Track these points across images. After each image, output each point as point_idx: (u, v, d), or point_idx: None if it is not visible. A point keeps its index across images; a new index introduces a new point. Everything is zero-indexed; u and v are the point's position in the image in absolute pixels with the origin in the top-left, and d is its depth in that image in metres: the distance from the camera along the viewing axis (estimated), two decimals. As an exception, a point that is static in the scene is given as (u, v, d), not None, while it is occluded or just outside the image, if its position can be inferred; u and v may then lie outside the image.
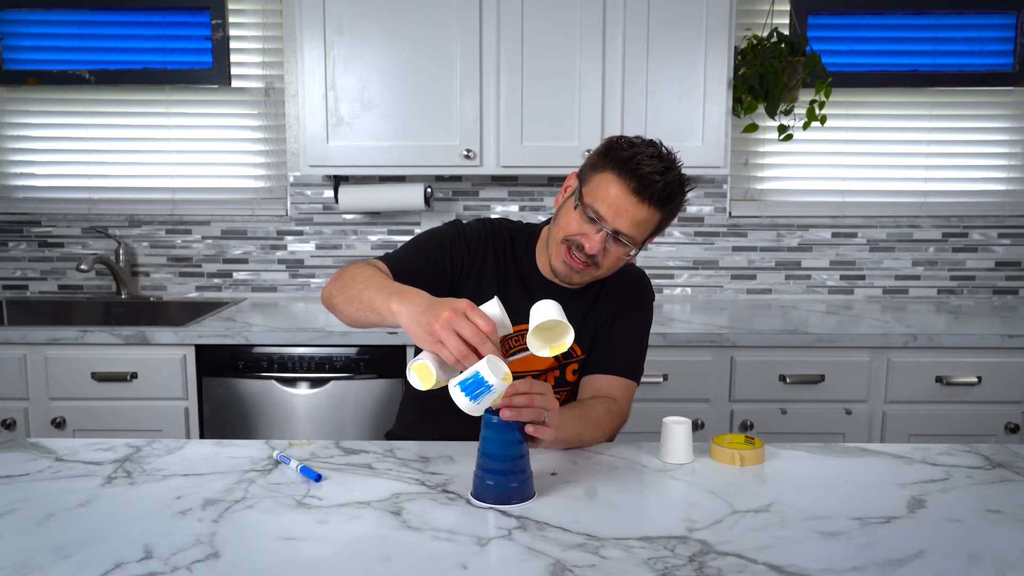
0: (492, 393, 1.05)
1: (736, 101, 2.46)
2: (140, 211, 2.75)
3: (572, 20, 2.29)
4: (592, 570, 0.89)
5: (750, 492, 1.12)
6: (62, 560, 0.90)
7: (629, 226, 1.29)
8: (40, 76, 2.68)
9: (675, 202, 1.31)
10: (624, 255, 1.34)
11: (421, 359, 1.10)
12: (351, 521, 1.02)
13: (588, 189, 1.31)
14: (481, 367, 1.04)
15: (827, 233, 2.76)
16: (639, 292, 1.50)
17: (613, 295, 1.48)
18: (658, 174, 1.26)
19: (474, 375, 1.04)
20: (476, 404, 1.05)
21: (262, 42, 2.69)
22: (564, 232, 1.34)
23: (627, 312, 1.47)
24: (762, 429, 2.17)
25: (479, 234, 1.46)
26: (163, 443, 1.30)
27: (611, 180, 1.28)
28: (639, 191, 1.26)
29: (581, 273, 1.36)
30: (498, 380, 1.03)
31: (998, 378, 2.16)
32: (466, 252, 1.43)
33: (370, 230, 2.74)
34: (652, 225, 1.32)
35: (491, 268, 1.45)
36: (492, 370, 1.03)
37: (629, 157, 1.27)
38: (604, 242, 1.30)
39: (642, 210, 1.28)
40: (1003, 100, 2.72)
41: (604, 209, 1.28)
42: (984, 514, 1.05)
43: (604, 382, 1.42)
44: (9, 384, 2.17)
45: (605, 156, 1.31)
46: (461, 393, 1.05)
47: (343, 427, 2.18)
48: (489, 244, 1.46)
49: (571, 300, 1.45)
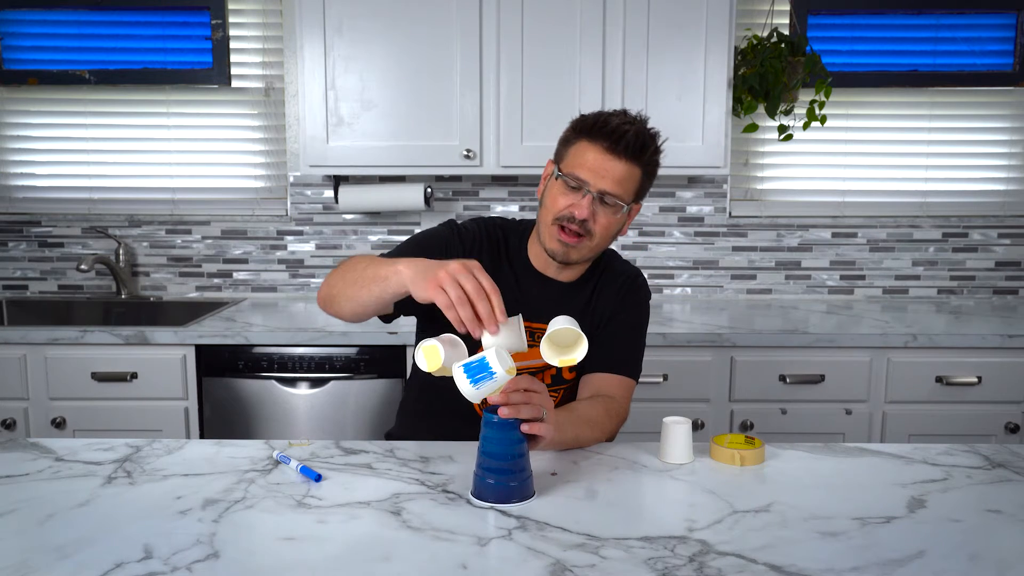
0: (493, 382, 1.05)
1: (736, 101, 2.46)
2: (140, 211, 2.75)
3: (572, 20, 2.29)
4: (592, 570, 0.89)
5: (750, 492, 1.12)
6: (62, 560, 0.90)
7: (612, 184, 1.32)
8: (40, 76, 2.68)
9: (650, 153, 1.35)
10: (614, 221, 1.36)
11: (432, 341, 1.10)
12: (351, 521, 1.02)
13: (565, 163, 1.36)
14: (489, 354, 1.05)
15: (827, 233, 2.76)
16: (635, 290, 1.50)
17: (609, 293, 1.48)
18: (627, 124, 1.32)
19: (480, 359, 1.05)
20: (476, 389, 1.06)
21: (262, 42, 2.69)
22: (552, 211, 1.36)
23: (624, 311, 1.48)
24: (762, 429, 2.17)
25: (474, 234, 1.47)
26: (163, 443, 1.30)
27: (585, 147, 1.33)
28: (613, 148, 1.31)
29: (577, 247, 1.37)
30: (502, 370, 1.04)
31: (998, 378, 2.16)
32: (462, 252, 1.44)
33: (370, 230, 2.74)
34: (635, 181, 1.35)
35: (486, 267, 1.44)
36: (499, 359, 1.04)
37: (595, 120, 1.34)
38: (592, 205, 1.33)
39: (620, 166, 1.32)
40: (1003, 100, 2.72)
41: (584, 173, 1.33)
42: (984, 514, 1.05)
43: (602, 380, 1.42)
44: (9, 384, 2.17)
45: (574, 130, 1.37)
46: (464, 375, 1.05)
47: (343, 427, 2.18)
48: (484, 243, 1.46)
49: (566, 296, 1.45)
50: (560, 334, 1.13)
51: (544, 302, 1.44)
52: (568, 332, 1.13)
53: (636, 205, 1.40)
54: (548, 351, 1.13)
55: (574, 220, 1.33)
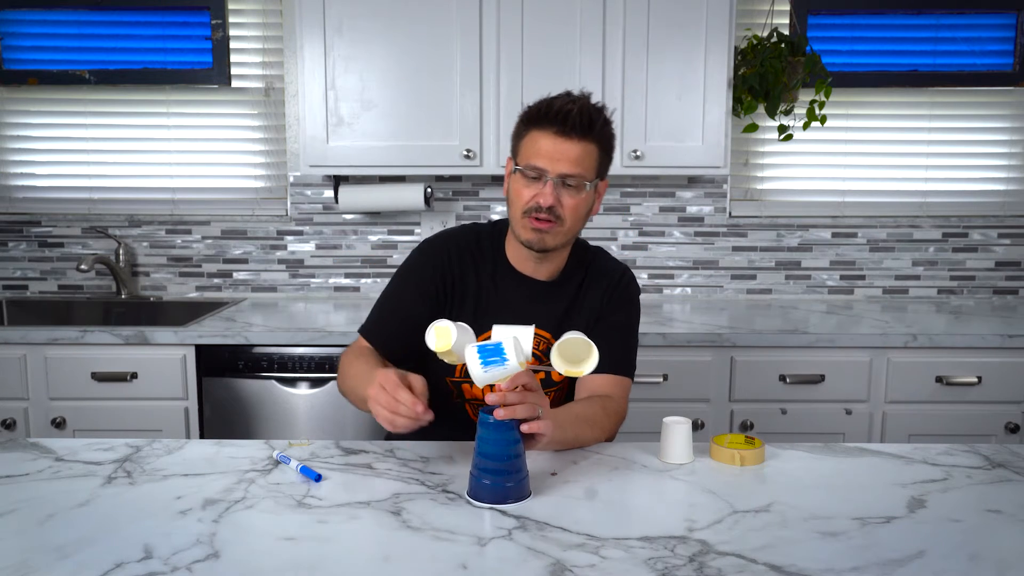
0: (504, 368, 1.05)
1: (736, 101, 2.46)
2: (140, 211, 2.75)
3: (572, 20, 2.29)
4: (592, 570, 0.89)
5: (750, 492, 1.12)
6: (62, 560, 0.90)
7: (569, 165, 1.34)
8: (40, 76, 2.68)
9: (600, 126, 1.36)
10: (582, 201, 1.37)
11: (446, 322, 1.11)
12: (351, 521, 1.02)
13: (521, 156, 1.38)
14: (506, 340, 1.05)
15: (827, 233, 2.76)
16: (623, 287, 1.50)
17: (595, 293, 1.48)
18: (570, 104, 1.33)
19: (496, 343, 1.06)
20: (484, 373, 1.06)
21: (262, 42, 2.69)
22: (519, 205, 1.38)
23: (613, 310, 1.48)
24: (762, 429, 2.17)
25: (441, 249, 1.48)
26: (163, 443, 1.30)
27: (536, 135, 1.35)
28: (562, 130, 1.33)
29: (550, 231, 1.37)
30: (515, 358, 1.05)
31: (998, 378, 2.16)
32: (432, 275, 1.45)
33: (370, 230, 2.74)
34: (592, 158, 1.36)
35: (467, 275, 1.47)
36: (515, 348, 1.04)
37: (539, 108, 1.36)
38: (555, 191, 1.34)
39: (573, 146, 1.33)
40: (1003, 100, 2.72)
41: (541, 161, 1.34)
42: (984, 514, 1.05)
43: (597, 381, 1.42)
44: (9, 384, 2.17)
45: (523, 122, 1.39)
46: (476, 356, 1.06)
47: (343, 427, 2.18)
48: (452, 255, 1.46)
49: (547, 294, 1.46)
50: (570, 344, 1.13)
51: (524, 302, 1.44)
52: (578, 343, 1.13)
53: (602, 181, 1.42)
54: (559, 360, 1.13)
55: (541, 208, 1.34)
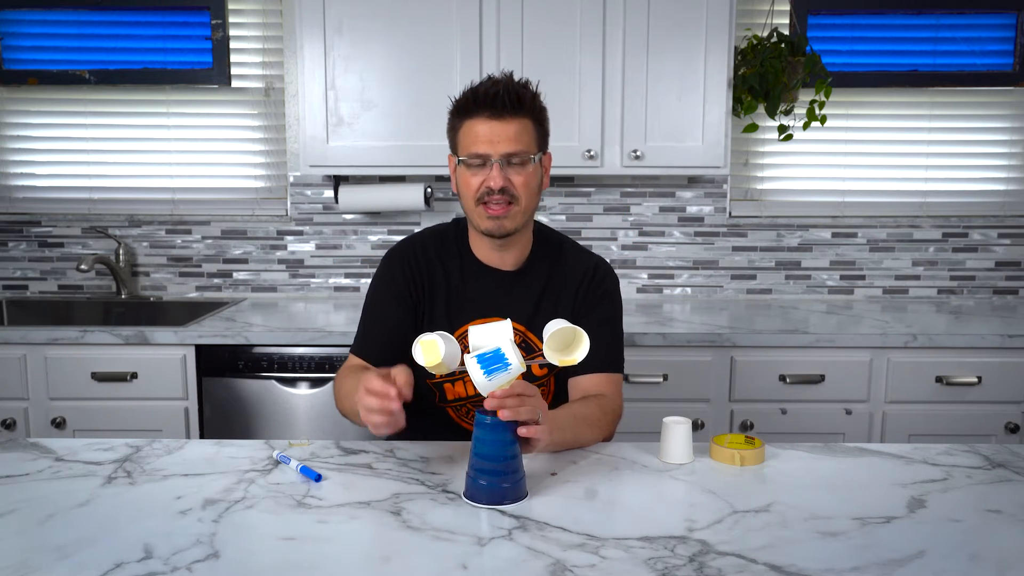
0: (507, 373, 1.05)
1: (736, 101, 2.46)
2: (140, 211, 2.75)
3: (572, 20, 2.29)
4: (592, 570, 0.89)
5: (750, 492, 1.12)
6: (62, 560, 0.90)
7: (510, 144, 1.35)
8: (40, 76, 2.68)
9: (530, 101, 1.37)
10: (531, 176, 1.38)
11: (431, 336, 1.10)
12: (351, 521, 1.02)
13: (461, 148, 1.39)
14: (504, 345, 1.05)
15: (827, 233, 2.76)
16: (598, 283, 1.49)
17: (570, 288, 1.48)
18: (494, 86, 1.34)
19: (495, 351, 1.05)
20: (488, 380, 1.06)
21: (262, 42, 2.69)
22: (470, 195, 1.39)
23: (592, 307, 1.47)
24: (762, 429, 2.17)
25: (403, 256, 1.49)
26: (163, 443, 1.30)
27: (470, 125, 1.37)
28: (492, 113, 1.34)
29: (508, 215, 1.38)
30: (515, 360, 1.05)
31: (998, 378, 2.16)
32: (402, 281, 1.47)
33: (370, 230, 2.74)
34: (530, 133, 1.38)
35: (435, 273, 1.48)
36: (513, 350, 1.05)
37: (465, 98, 1.37)
38: (502, 172, 1.35)
39: (507, 125, 1.35)
40: (1003, 100, 2.72)
41: (481, 147, 1.36)
42: (984, 514, 1.05)
43: (590, 381, 1.42)
44: (9, 384, 2.17)
45: (454, 115, 1.40)
46: (477, 366, 1.06)
47: (343, 427, 2.18)
48: (416, 258, 1.48)
49: (513, 284, 1.47)
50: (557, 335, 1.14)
51: (493, 293, 1.45)
52: (565, 332, 1.14)
53: (545, 155, 1.44)
54: (551, 352, 1.14)
55: (492, 192, 1.36)
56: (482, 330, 1.12)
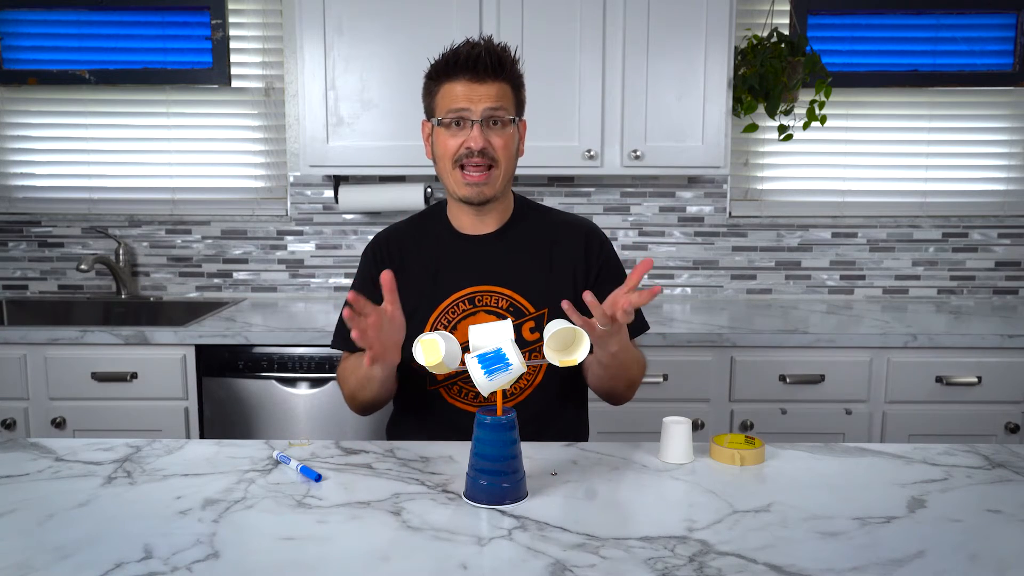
0: (508, 374, 1.05)
1: (736, 101, 2.47)
2: (140, 211, 2.75)
3: (572, 20, 2.29)
4: (592, 570, 0.89)
5: (750, 492, 1.12)
6: (62, 560, 0.90)
7: (491, 101, 1.34)
8: (40, 76, 2.68)
9: (510, 66, 1.37)
10: (510, 138, 1.38)
11: (431, 335, 1.10)
12: (351, 521, 1.02)
13: (440, 109, 1.37)
14: (505, 345, 1.05)
15: (827, 233, 2.76)
16: (598, 248, 1.49)
17: (567, 248, 1.47)
18: (475, 48, 1.33)
19: (496, 351, 1.05)
20: (489, 381, 1.06)
21: (262, 42, 2.69)
22: (447, 156, 1.37)
23: (605, 278, 1.46)
24: (762, 429, 2.17)
25: (381, 242, 1.50)
26: (163, 443, 1.30)
27: (449, 87, 1.35)
28: (475, 75, 1.33)
29: (488, 181, 1.38)
30: (518, 361, 1.05)
31: (998, 378, 2.16)
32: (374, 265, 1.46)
33: (370, 230, 2.74)
34: (509, 97, 1.37)
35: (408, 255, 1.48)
36: (514, 350, 1.04)
37: (446, 60, 1.36)
38: (483, 132, 1.34)
39: (487, 87, 1.34)
40: (1003, 100, 2.72)
41: (460, 105, 1.34)
42: (984, 514, 1.05)
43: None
44: (9, 384, 2.17)
45: (431, 79, 1.39)
46: (478, 366, 1.06)
47: (343, 427, 2.18)
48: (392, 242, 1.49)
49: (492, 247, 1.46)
50: (558, 336, 1.14)
51: (472, 260, 1.45)
52: (565, 332, 1.14)
53: (522, 121, 1.43)
54: (551, 352, 1.14)
55: (472, 153, 1.34)
56: (482, 330, 1.12)
